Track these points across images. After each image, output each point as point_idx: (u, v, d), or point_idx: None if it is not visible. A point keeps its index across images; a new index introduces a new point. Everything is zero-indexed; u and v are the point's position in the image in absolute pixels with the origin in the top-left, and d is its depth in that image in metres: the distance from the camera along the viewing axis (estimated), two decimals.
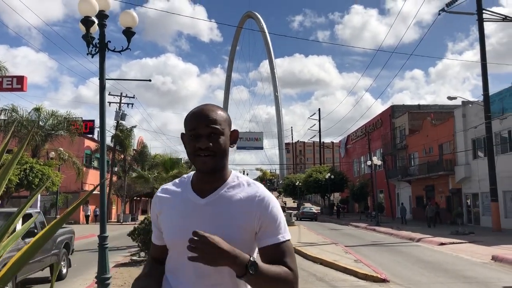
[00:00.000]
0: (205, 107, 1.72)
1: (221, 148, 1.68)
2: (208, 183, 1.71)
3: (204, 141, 1.65)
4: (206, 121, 1.66)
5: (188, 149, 1.70)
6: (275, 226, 1.66)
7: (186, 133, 1.72)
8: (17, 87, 31.62)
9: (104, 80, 9.99)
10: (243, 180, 1.75)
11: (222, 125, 1.69)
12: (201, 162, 1.66)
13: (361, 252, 16.20)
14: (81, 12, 9.11)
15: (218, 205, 1.68)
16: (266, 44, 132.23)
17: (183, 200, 1.71)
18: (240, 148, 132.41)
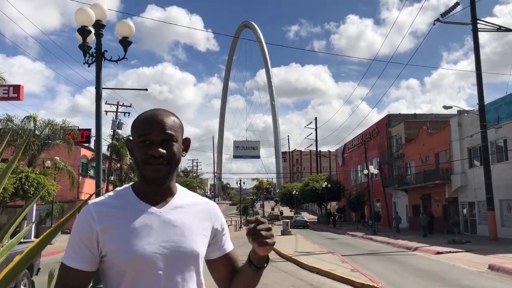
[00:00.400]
0: (158, 112, 1.59)
1: (175, 156, 1.56)
2: (158, 194, 1.58)
3: (157, 148, 1.51)
4: (160, 127, 1.54)
5: (138, 156, 1.54)
6: (227, 235, 1.72)
7: (135, 140, 1.57)
8: (14, 96, 31.57)
9: (101, 89, 10.00)
10: (188, 192, 1.70)
11: (176, 132, 1.57)
12: (153, 170, 1.52)
13: (358, 261, 16.16)
14: (78, 22, 9.16)
15: (177, 214, 1.57)
16: (263, 53, 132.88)
17: (136, 212, 1.53)
18: (237, 157, 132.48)
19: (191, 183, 33.56)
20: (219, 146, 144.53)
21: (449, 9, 26.04)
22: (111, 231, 1.49)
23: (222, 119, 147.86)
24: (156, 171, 1.52)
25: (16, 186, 21.24)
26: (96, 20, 9.27)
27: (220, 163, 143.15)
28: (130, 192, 1.60)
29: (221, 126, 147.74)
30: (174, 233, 1.52)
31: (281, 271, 14.40)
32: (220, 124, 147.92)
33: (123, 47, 9.83)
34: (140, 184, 1.60)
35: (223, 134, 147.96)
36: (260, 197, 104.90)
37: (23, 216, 1.87)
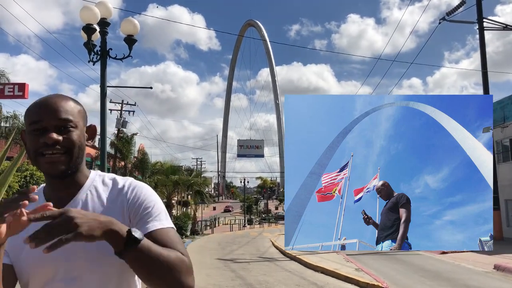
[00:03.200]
0: (52, 96, 1.37)
1: (75, 142, 1.33)
2: (63, 190, 1.37)
3: (51, 135, 1.29)
4: (54, 112, 1.32)
5: (30, 147, 1.32)
6: (149, 213, 1.35)
7: (27, 129, 1.34)
8: (19, 94, 31.57)
9: (106, 87, 10.00)
10: (106, 179, 1.45)
11: (74, 117, 1.36)
12: (48, 162, 1.29)
13: (362, 261, 16.10)
14: (83, 20, 9.14)
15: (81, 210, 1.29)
16: (267, 52, 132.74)
17: None
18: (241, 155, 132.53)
19: (195, 182, 33.48)
20: (223, 145, 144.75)
21: (455, 7, 25.88)
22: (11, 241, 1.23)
23: (226, 118, 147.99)
24: (52, 163, 1.29)
25: (21, 184, 21.32)
26: (101, 18, 9.26)
27: (224, 162, 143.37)
28: (41, 192, 1.41)
29: (225, 125, 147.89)
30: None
31: (285, 270, 14.37)
32: (224, 123, 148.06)
33: (128, 45, 9.82)
34: (46, 182, 1.40)
35: (227, 133, 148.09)
36: (264, 196, 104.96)
37: None
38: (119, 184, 1.42)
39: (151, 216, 1.34)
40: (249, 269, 14.75)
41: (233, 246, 24.13)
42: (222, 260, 17.46)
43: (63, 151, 1.31)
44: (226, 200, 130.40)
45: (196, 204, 37.61)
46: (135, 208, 1.36)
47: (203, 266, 15.62)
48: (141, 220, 1.34)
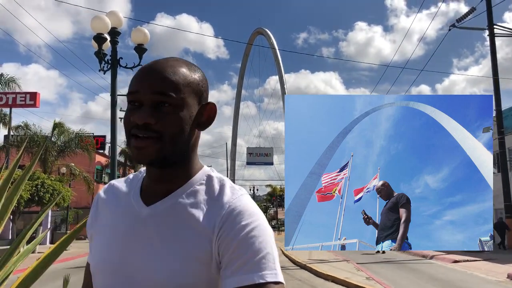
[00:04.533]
0: (161, 60, 1.05)
1: (171, 126, 1.01)
2: (158, 184, 1.08)
3: (141, 113, 1.00)
4: (153, 82, 1.01)
5: (124, 124, 1.05)
6: (249, 258, 0.95)
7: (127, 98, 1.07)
8: (30, 103, 32.07)
9: (116, 96, 10.12)
10: (215, 183, 1.09)
11: (179, 91, 1.02)
12: (136, 147, 1.01)
13: (373, 269, 15.96)
14: (94, 29, 9.28)
15: (167, 219, 1.03)
16: (276, 60, 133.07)
17: (124, 208, 1.10)
18: (250, 163, 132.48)
19: None
20: (232, 152, 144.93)
21: (465, 14, 25.82)
22: (97, 225, 1.15)
23: (236, 126, 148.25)
24: (140, 148, 1.01)
25: (32, 192, 21.51)
26: (112, 27, 9.39)
27: (233, 170, 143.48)
28: (141, 177, 1.16)
29: (234, 132, 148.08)
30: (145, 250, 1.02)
31: (296, 279, 14.28)
32: (233, 131, 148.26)
33: (138, 54, 9.94)
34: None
35: (237, 141, 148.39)
36: (273, 203, 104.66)
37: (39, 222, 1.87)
38: (226, 198, 1.04)
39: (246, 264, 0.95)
40: None
41: None
42: None
43: (155, 136, 1.00)
44: None
45: None
46: (227, 243, 0.98)
47: None
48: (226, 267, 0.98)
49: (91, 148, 30.17)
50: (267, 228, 1.01)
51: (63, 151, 27.88)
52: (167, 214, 1.04)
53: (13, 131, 26.48)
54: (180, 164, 1.07)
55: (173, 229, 1.02)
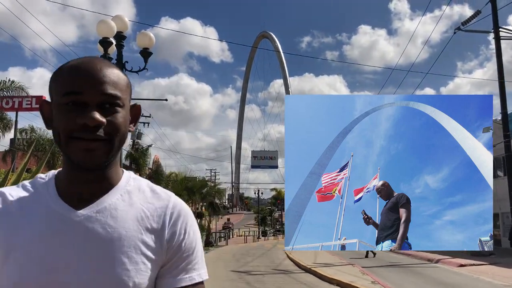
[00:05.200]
0: (95, 61, 1.03)
1: (121, 129, 1.02)
2: (87, 186, 1.03)
3: (94, 114, 0.97)
4: (100, 83, 0.99)
5: (60, 126, 0.99)
6: (192, 257, 1.08)
7: (56, 100, 1.01)
8: (36, 107, 32.23)
9: None
10: (142, 184, 1.12)
11: (123, 93, 1.03)
12: (85, 150, 0.98)
13: (378, 273, 15.90)
14: (100, 33, 9.34)
15: (105, 221, 1.01)
16: (281, 63, 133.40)
17: (42, 215, 1.01)
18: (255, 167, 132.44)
19: (209, 192, 33.56)
20: (237, 156, 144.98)
21: (470, 17, 25.77)
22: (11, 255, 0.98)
23: (240, 129, 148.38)
24: (90, 150, 0.98)
25: None
26: (117, 31, 9.45)
27: (238, 173, 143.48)
28: (51, 183, 1.07)
29: (239, 136, 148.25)
30: (90, 251, 0.98)
31: (300, 283, 14.26)
32: (238, 134, 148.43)
33: (143, 58, 9.99)
34: (64, 172, 1.06)
35: (241, 144, 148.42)
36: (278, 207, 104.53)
37: None
38: (162, 199, 1.09)
39: (191, 263, 1.07)
40: (264, 281, 14.67)
41: (247, 258, 24.05)
42: (236, 272, 17.40)
43: (105, 138, 0.99)
44: (240, 211, 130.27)
45: (210, 215, 37.65)
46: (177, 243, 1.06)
47: (217, 278, 15.58)
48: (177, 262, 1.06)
49: None
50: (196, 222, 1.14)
51: None
52: (106, 215, 1.02)
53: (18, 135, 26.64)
54: (112, 165, 1.06)
55: (116, 228, 1.01)
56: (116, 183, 1.07)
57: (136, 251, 1.01)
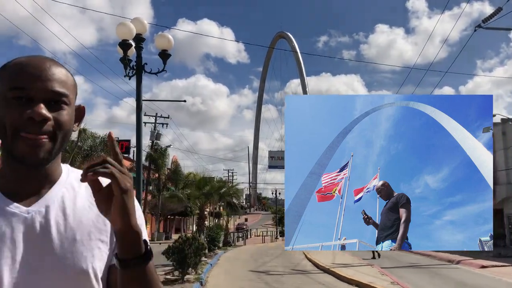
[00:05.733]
0: (42, 59, 1.06)
1: (65, 125, 1.04)
2: (29, 182, 1.05)
3: (40, 109, 0.98)
4: (46, 80, 1.01)
5: (6, 119, 0.99)
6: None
7: (2, 94, 1.01)
8: None
9: (141, 101, 10.34)
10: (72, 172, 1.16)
11: (69, 91, 1.06)
12: (30, 146, 0.99)
13: (398, 274, 15.76)
14: (119, 36, 9.51)
15: (56, 214, 1.04)
16: (298, 63, 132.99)
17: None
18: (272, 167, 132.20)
19: (226, 192, 33.69)
20: (254, 156, 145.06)
21: (491, 15, 25.31)
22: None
23: (257, 130, 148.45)
24: (35, 147, 0.99)
25: None
26: (136, 33, 9.61)
27: (255, 173, 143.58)
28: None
29: (256, 136, 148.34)
30: (47, 245, 1.01)
31: (319, 283, 14.24)
32: (255, 134, 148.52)
33: (162, 60, 10.13)
34: (6, 169, 1.06)
35: (258, 145, 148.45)
36: None
37: None
38: None
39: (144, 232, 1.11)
40: (282, 281, 14.70)
41: (265, 258, 24.08)
42: (255, 272, 17.46)
43: (50, 134, 1.01)
44: (258, 211, 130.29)
45: (228, 215, 37.76)
46: None
47: (236, 278, 15.67)
48: None
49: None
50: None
51: (88, 156, 28.53)
52: (56, 208, 1.05)
53: None
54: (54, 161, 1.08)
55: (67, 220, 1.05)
56: (58, 178, 1.10)
57: (90, 237, 1.06)
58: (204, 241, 25.21)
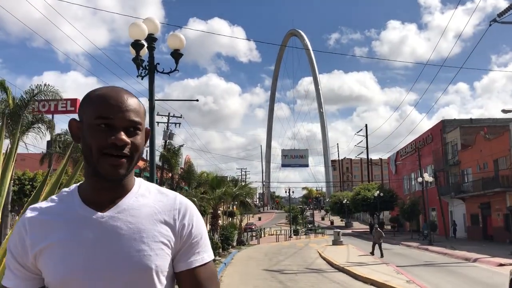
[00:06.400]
0: (121, 91, 1.28)
1: (140, 148, 1.26)
2: (108, 194, 1.27)
3: (121, 135, 1.21)
4: (126, 111, 1.23)
5: (92, 143, 1.21)
6: (200, 243, 1.32)
7: (88, 121, 1.23)
8: (71, 109, 33.27)
9: (154, 101, 10.29)
10: (151, 187, 1.35)
11: (142, 119, 1.28)
12: (111, 165, 1.21)
13: (414, 273, 15.60)
14: (132, 36, 9.47)
15: (126, 217, 1.25)
16: (310, 61, 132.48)
17: (75, 221, 1.24)
18: (285, 165, 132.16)
19: (240, 194, 33.65)
20: (267, 155, 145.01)
21: (506, 9, 24.91)
22: (45, 251, 1.21)
23: (270, 128, 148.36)
24: (115, 167, 1.21)
25: None
26: (149, 34, 9.57)
27: (268, 172, 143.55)
28: (74, 193, 1.30)
29: (268, 135, 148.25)
30: (118, 245, 1.22)
31: (334, 282, 14.14)
32: (268, 133, 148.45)
33: (174, 59, 10.07)
34: (87, 182, 1.29)
35: (271, 143, 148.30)
36: (309, 206, 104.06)
37: None
38: (169, 198, 1.33)
39: (198, 247, 1.31)
40: (296, 280, 14.62)
41: (279, 257, 23.99)
42: (269, 271, 17.40)
43: (128, 155, 1.23)
44: (271, 210, 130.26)
45: (241, 214, 37.73)
46: (182, 233, 1.30)
47: (250, 277, 15.63)
48: (189, 248, 1.30)
49: None
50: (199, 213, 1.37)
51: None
52: (126, 214, 1.26)
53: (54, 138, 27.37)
54: (130, 175, 1.30)
55: (135, 223, 1.25)
56: (130, 189, 1.31)
57: (154, 239, 1.24)
58: (217, 240, 25.21)
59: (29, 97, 18.34)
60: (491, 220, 35.64)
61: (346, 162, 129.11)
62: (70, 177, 1.95)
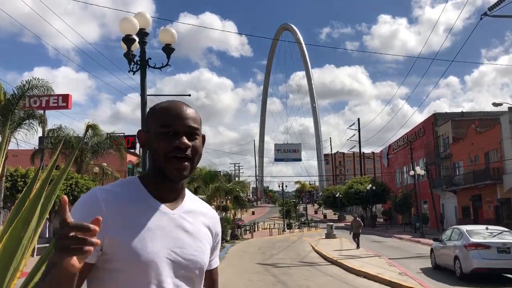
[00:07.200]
0: (180, 103, 1.46)
1: (199, 151, 1.44)
2: (172, 193, 1.45)
3: (183, 139, 1.38)
4: (185, 118, 1.41)
5: (159, 149, 1.38)
6: (218, 247, 1.60)
7: (154, 130, 1.40)
8: (63, 105, 33.04)
9: (146, 96, 10.25)
10: (193, 195, 1.56)
11: (199, 125, 1.46)
12: (176, 167, 1.37)
13: (405, 265, 15.76)
14: (123, 31, 9.40)
15: (190, 219, 1.46)
16: (303, 55, 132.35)
17: (148, 208, 1.39)
18: (278, 160, 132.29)
19: (234, 188, 33.65)
20: (260, 149, 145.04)
21: (496, 2, 25.01)
22: (121, 225, 1.32)
23: (263, 123, 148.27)
24: (179, 169, 1.37)
25: (67, 192, 22.13)
26: (140, 28, 9.51)
27: (261, 166, 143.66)
28: (138, 184, 1.44)
29: (261, 129, 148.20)
30: (186, 240, 1.41)
31: (327, 275, 14.23)
32: (261, 127, 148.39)
33: (166, 54, 10.03)
34: (152, 179, 1.44)
35: (264, 138, 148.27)
36: (302, 200, 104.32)
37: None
38: (207, 205, 1.58)
39: (217, 253, 1.60)
40: (290, 273, 14.69)
41: (273, 250, 24.07)
42: (262, 264, 17.47)
43: (190, 157, 1.39)
44: (265, 204, 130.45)
45: (235, 209, 37.74)
46: (217, 239, 1.57)
47: (244, 271, 15.68)
48: (213, 251, 1.55)
49: (123, 149, 30.82)
50: None
51: (96, 152, 28.56)
52: (190, 215, 1.46)
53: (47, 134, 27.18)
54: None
55: (194, 224, 1.45)
56: (183, 189, 1.49)
57: (205, 240, 1.47)
58: None
59: (21, 93, 18.18)
60: (482, 212, 35.98)
61: (339, 156, 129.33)
62: (61, 172, 1.95)
